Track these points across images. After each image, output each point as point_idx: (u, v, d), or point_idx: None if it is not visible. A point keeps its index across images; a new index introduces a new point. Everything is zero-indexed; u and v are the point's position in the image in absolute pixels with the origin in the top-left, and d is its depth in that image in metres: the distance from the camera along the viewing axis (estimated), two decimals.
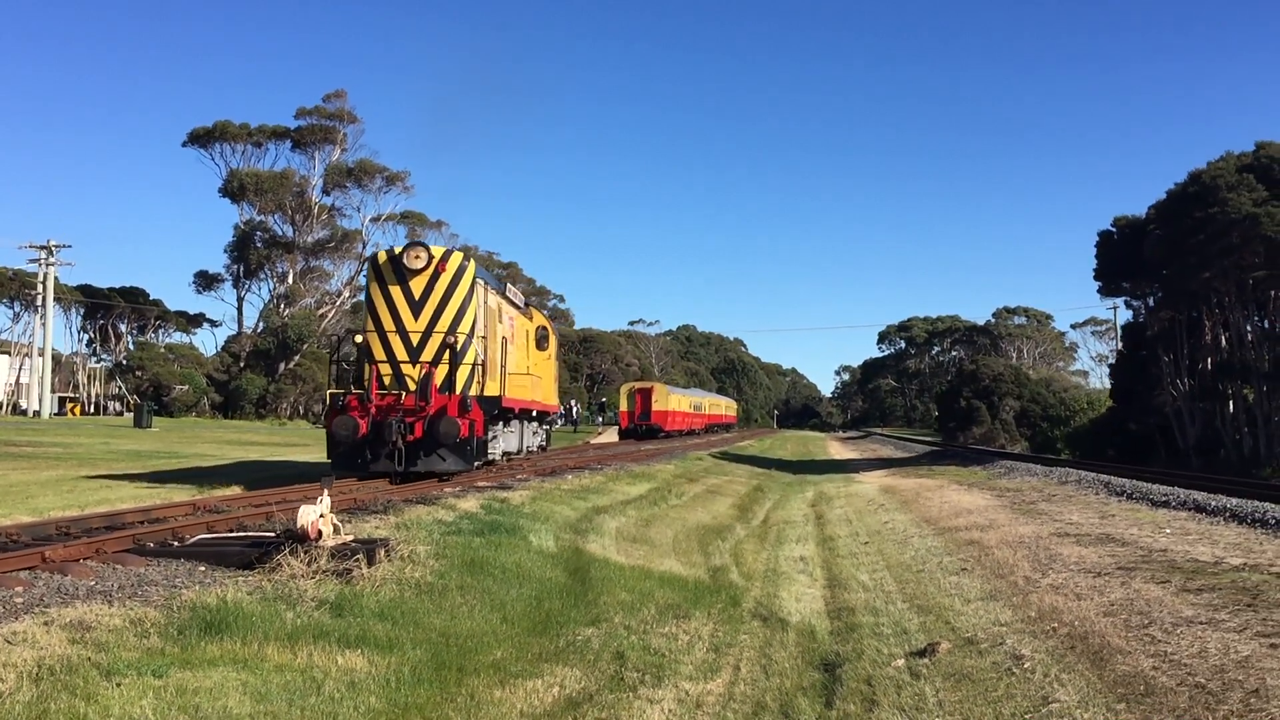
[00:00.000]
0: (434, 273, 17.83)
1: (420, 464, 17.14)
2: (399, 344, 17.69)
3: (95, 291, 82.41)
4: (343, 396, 17.34)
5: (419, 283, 17.84)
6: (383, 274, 17.98)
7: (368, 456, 16.97)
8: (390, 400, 17.15)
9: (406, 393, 17.23)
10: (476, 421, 17.40)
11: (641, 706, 7.66)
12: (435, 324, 17.70)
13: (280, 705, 6.19)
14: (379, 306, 17.87)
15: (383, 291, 17.90)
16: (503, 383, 19.47)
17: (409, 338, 17.69)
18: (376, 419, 16.94)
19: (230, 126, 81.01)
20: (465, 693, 7.21)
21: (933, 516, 19.00)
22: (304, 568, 9.22)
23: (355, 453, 16.92)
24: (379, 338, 17.75)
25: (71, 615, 7.17)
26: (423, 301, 17.80)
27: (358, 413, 16.90)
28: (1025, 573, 11.72)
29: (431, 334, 17.61)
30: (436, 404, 17.06)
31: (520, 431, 23.31)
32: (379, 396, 17.19)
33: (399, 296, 17.82)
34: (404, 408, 17.02)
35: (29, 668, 6.06)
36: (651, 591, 11.82)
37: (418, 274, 17.81)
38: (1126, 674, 7.24)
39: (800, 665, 9.34)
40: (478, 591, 9.99)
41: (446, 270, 17.88)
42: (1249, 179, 36.78)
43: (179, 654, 6.75)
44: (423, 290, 17.84)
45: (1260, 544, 12.88)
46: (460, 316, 17.82)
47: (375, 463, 16.99)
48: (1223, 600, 9.25)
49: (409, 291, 17.82)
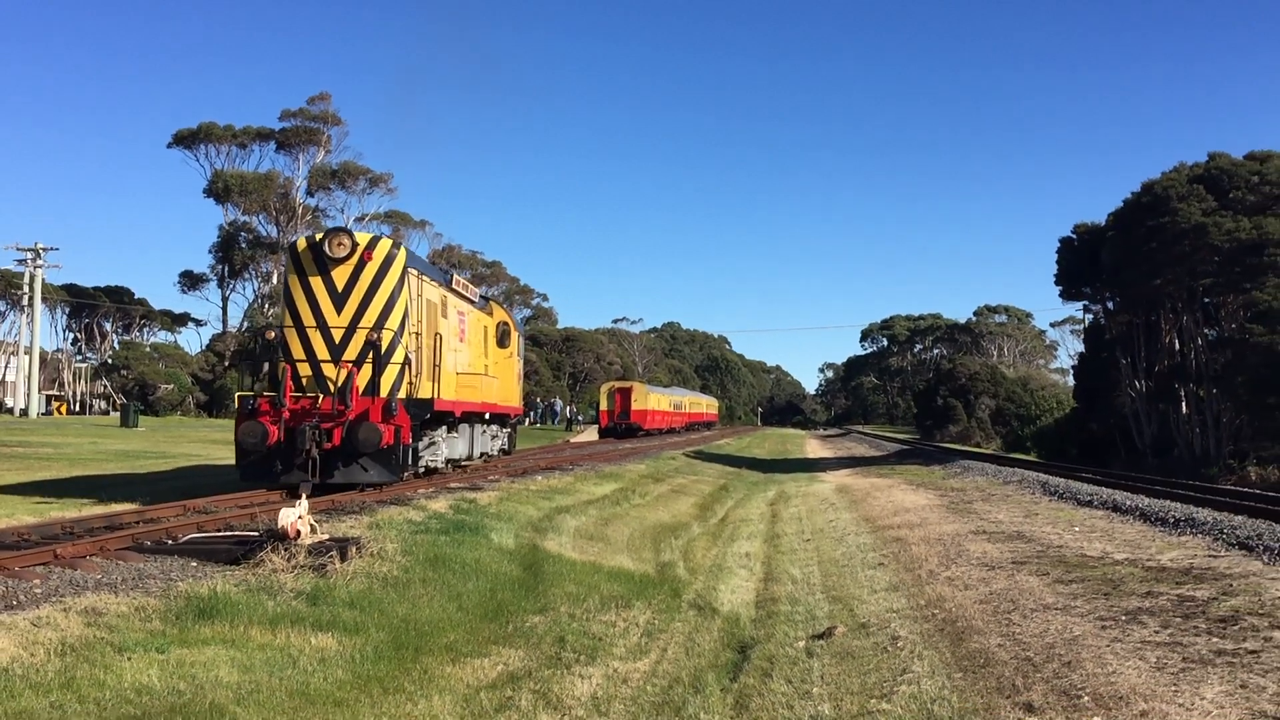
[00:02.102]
0: (359, 262, 16.29)
1: (339, 474, 15.81)
2: (320, 341, 16.20)
3: (81, 291, 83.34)
4: (253, 399, 15.96)
5: (342, 273, 16.32)
6: (302, 263, 16.42)
7: (278, 467, 15.61)
8: (306, 404, 15.77)
9: (325, 395, 15.85)
10: (403, 427, 16.02)
11: (573, 681, 8.98)
12: (360, 319, 16.22)
13: (262, 676, 7.49)
14: (298, 299, 16.33)
15: (302, 283, 16.36)
16: (438, 384, 18.05)
17: (331, 334, 16.19)
18: (289, 425, 15.57)
19: (215, 128, 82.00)
20: (420, 668, 8.51)
21: (873, 515, 20.40)
22: (284, 563, 10.49)
23: (266, 462, 15.60)
24: (297, 334, 16.26)
25: (84, 603, 8.45)
26: (346, 294, 16.32)
27: (268, 418, 15.57)
28: (931, 567, 13.11)
29: (356, 330, 16.14)
30: (358, 408, 15.72)
31: (470, 436, 22.03)
32: (293, 400, 15.80)
33: (320, 288, 16.28)
34: (320, 412, 15.66)
35: (54, 645, 7.35)
36: (599, 584, 13.13)
37: (341, 263, 16.26)
38: (975, 650, 8.62)
39: (719, 648, 10.68)
40: (438, 584, 11.29)
41: (374, 259, 16.34)
42: (1199, 190, 38.40)
43: (177, 635, 8.05)
44: (346, 281, 16.33)
45: (1151, 541, 14.28)
46: (388, 310, 16.34)
47: (287, 473, 15.55)
48: (1086, 590, 10.63)
49: (331, 283, 16.31)
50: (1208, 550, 13.02)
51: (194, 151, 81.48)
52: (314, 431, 15.41)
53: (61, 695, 6.49)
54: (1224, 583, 10.66)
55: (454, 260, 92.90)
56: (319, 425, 15.50)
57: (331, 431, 15.58)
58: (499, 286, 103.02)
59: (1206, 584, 10.69)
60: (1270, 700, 6.60)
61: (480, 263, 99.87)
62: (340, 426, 15.59)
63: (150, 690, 6.80)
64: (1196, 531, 14.70)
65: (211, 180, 78.75)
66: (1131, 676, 7.28)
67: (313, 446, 15.37)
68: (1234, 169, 38.78)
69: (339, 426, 15.60)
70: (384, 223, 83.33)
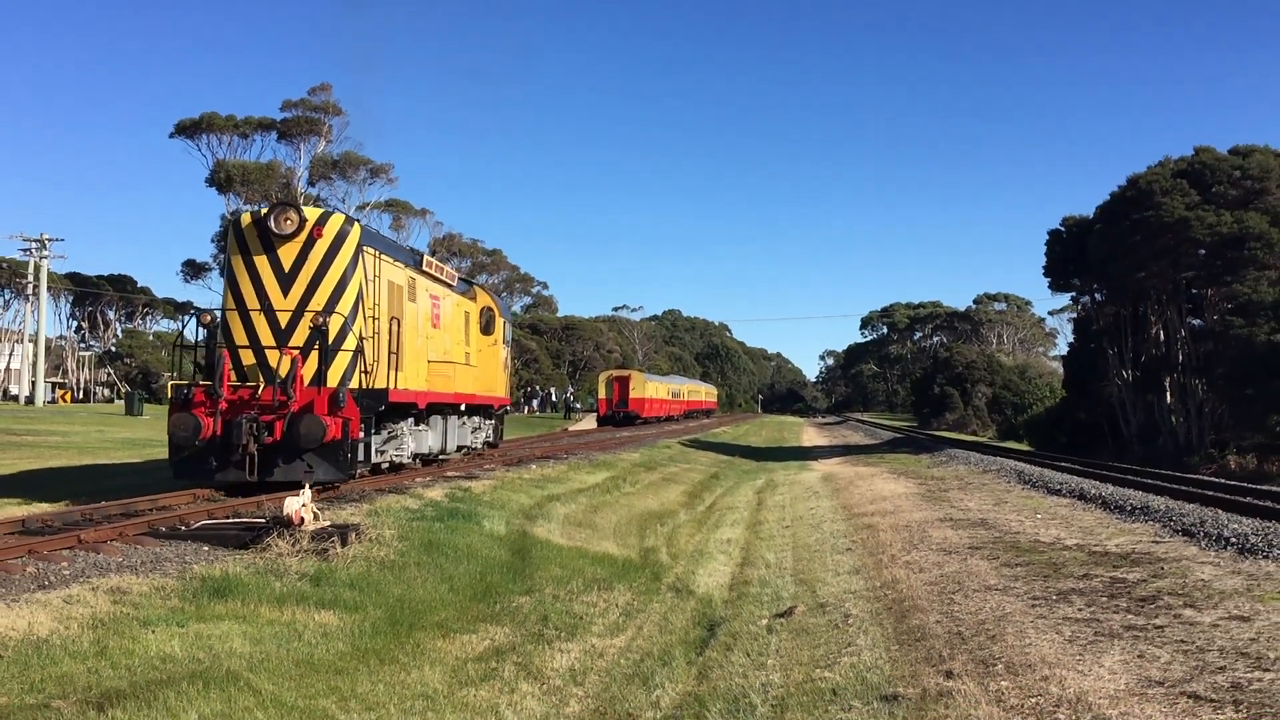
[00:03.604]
0: (308, 239, 15.11)
1: (279, 472, 14.60)
2: (264, 325, 15.05)
3: (84, 279, 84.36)
4: (187, 388, 14.77)
5: (289, 251, 15.15)
6: (246, 240, 15.25)
7: (212, 464, 14.55)
8: (245, 394, 14.66)
9: (268, 385, 14.67)
10: (352, 420, 14.77)
11: (553, 655, 9.88)
12: (309, 301, 15.07)
13: (271, 647, 8.39)
14: (240, 279, 15.20)
15: (245, 261, 15.21)
16: (398, 372, 16.77)
17: (276, 318, 15.04)
18: (226, 417, 14.41)
19: (217, 118, 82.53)
20: (413, 643, 9.40)
21: (851, 504, 21.30)
22: (289, 548, 11.39)
23: (201, 458, 14.55)
24: (240, 317, 15.11)
25: (110, 583, 9.35)
26: (294, 274, 15.15)
27: (204, 409, 14.43)
28: (893, 552, 14.01)
29: (304, 314, 14.98)
30: (302, 399, 14.54)
31: (443, 429, 20.72)
32: (230, 390, 14.65)
33: (265, 267, 15.14)
34: (259, 403, 14.54)
35: (86, 619, 8.26)
36: (583, 568, 14.03)
37: (288, 240, 15.10)
38: (914, 626, 9.52)
39: (690, 626, 11.57)
40: (432, 567, 12.20)
41: (324, 236, 15.17)
42: (1182, 184, 39.13)
43: (194, 611, 8.95)
44: (294, 260, 15.15)
45: (1105, 527, 15.17)
46: (339, 292, 15.13)
47: (223, 471, 14.54)
48: (1029, 573, 11.52)
49: (277, 261, 15.14)
50: (1153, 537, 13.90)
51: (196, 141, 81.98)
52: (251, 425, 14.23)
53: (96, 662, 7.39)
54: (1157, 566, 11.55)
55: (454, 248, 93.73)
56: (257, 418, 14.33)
57: (272, 425, 14.35)
58: (499, 275, 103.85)
59: (1141, 567, 11.58)
60: (1160, 668, 7.48)
61: (481, 251, 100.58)
62: (282, 419, 14.36)
63: (174, 659, 7.70)
64: (1149, 519, 15.58)
65: (213, 170, 79.35)
66: (1044, 648, 8.17)
67: (250, 441, 14.20)
68: (1217, 164, 39.50)
69: (280, 419, 14.36)
70: (384, 211, 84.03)
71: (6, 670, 7.03)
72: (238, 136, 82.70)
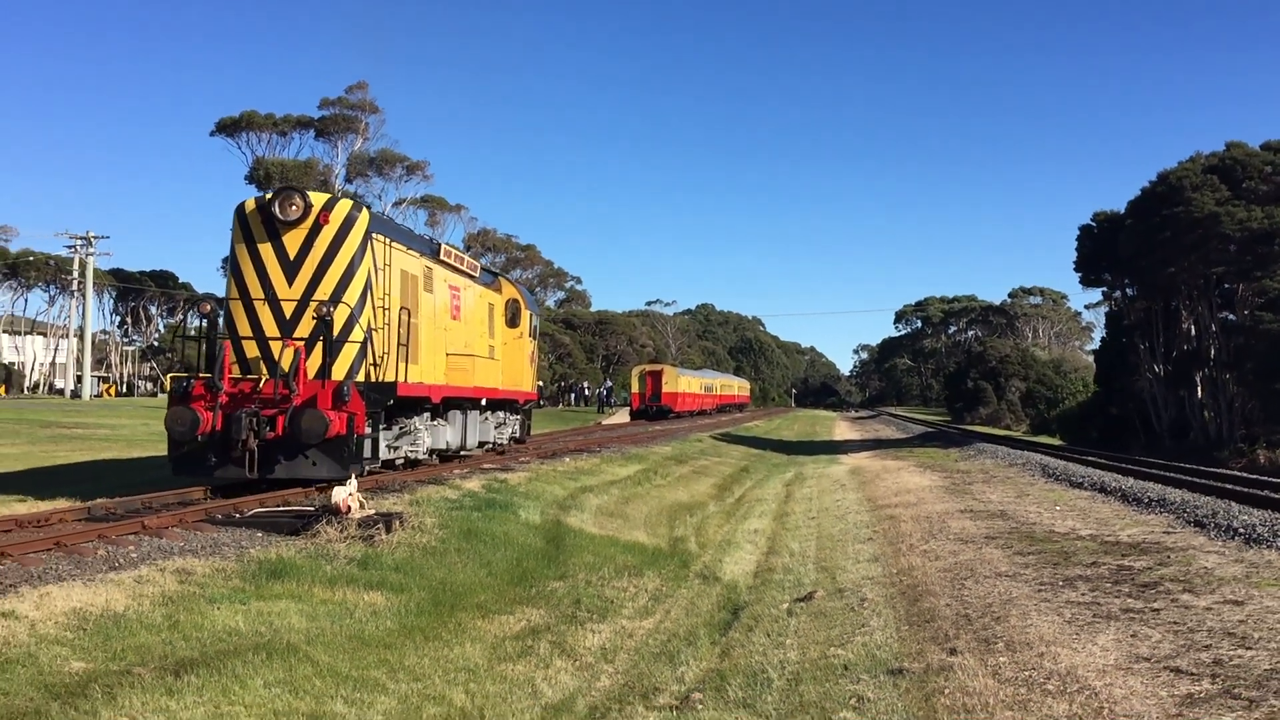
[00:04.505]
0: (314, 225, 14.66)
1: (280, 469, 14.20)
2: (268, 315, 14.62)
3: (127, 275, 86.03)
4: (188, 381, 14.31)
5: (295, 238, 14.69)
6: (250, 227, 14.79)
7: (212, 460, 14.09)
8: (246, 388, 14.17)
9: (269, 378, 14.19)
10: (357, 415, 14.25)
11: (585, 634, 10.54)
12: (315, 290, 14.62)
13: (325, 624, 9.10)
14: (244, 268, 14.75)
15: (249, 250, 14.76)
16: (411, 365, 16.18)
17: (281, 308, 14.60)
18: (226, 411, 13.92)
19: (256, 116, 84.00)
20: (455, 622, 10.09)
21: (877, 496, 21.84)
22: (337, 534, 12.12)
23: (201, 454, 14.08)
24: (244, 307, 14.68)
25: (175, 565, 10.10)
26: (299, 262, 14.69)
27: (203, 403, 13.93)
28: (912, 541, 14.57)
29: (309, 303, 14.51)
30: (305, 393, 14.04)
31: (462, 424, 20.11)
32: (231, 383, 14.17)
33: (269, 256, 14.68)
34: (260, 397, 14.05)
35: (156, 597, 8.99)
36: (615, 556, 14.69)
37: (293, 227, 14.65)
38: (925, 609, 10.10)
39: (715, 609, 12.19)
40: (471, 553, 12.89)
41: (330, 222, 14.70)
42: (1212, 180, 39.25)
43: (254, 590, 9.68)
44: (299, 248, 14.70)
45: (1120, 519, 15.64)
46: (346, 281, 14.68)
47: (222, 468, 14.07)
48: (1039, 561, 12.05)
49: (282, 249, 14.69)
50: (1165, 528, 14.37)
51: (236, 139, 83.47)
52: (251, 419, 13.73)
53: (169, 634, 8.13)
54: (1164, 555, 12.04)
55: (489, 244, 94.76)
56: (258, 412, 13.85)
57: (274, 419, 13.86)
58: (533, 270, 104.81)
59: (1148, 556, 12.08)
60: (1150, 646, 8.02)
61: (515, 246, 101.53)
62: (283, 414, 13.81)
63: (238, 632, 8.43)
64: (1165, 511, 16.02)
65: (253, 167, 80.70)
66: (1044, 628, 8.72)
67: (249, 436, 13.69)
68: (1248, 159, 39.59)
69: (282, 414, 13.83)
70: (420, 207, 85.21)
71: (91, 640, 7.76)
72: (276, 134, 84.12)
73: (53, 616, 8.09)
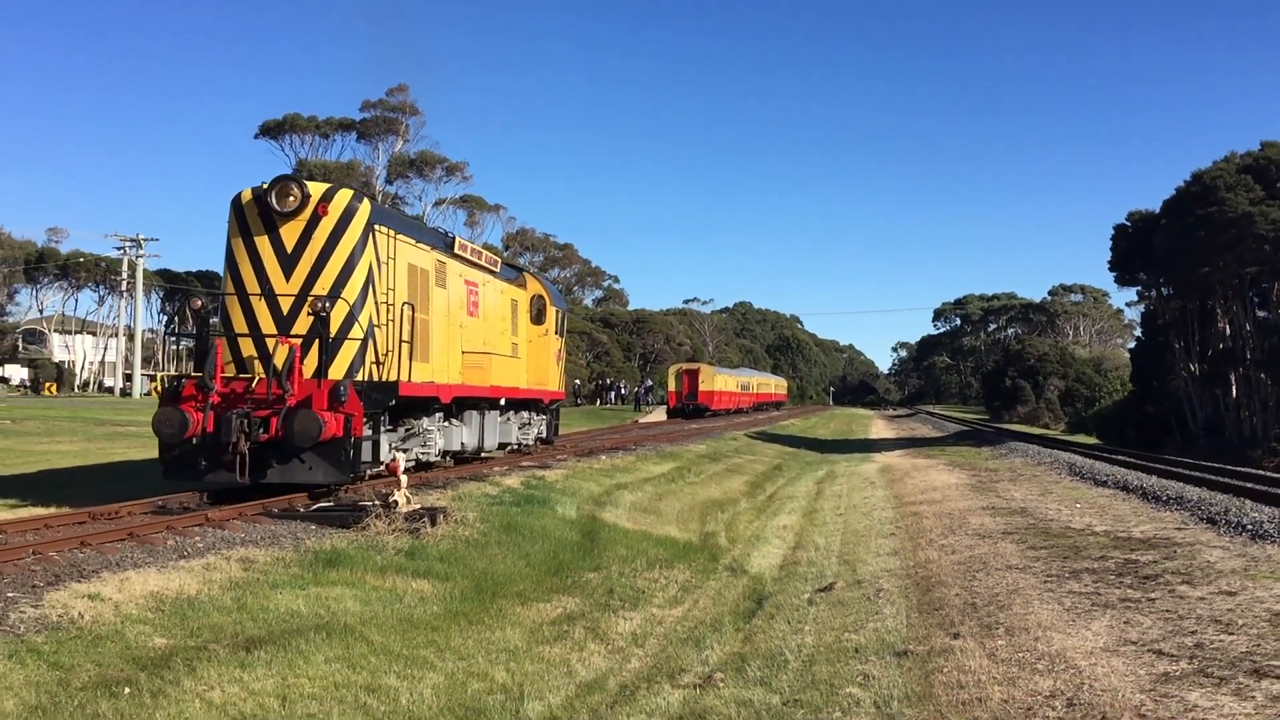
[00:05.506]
0: (312, 216, 14.04)
1: (274, 473, 13.59)
2: (265, 311, 14.03)
3: (174, 276, 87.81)
4: (179, 381, 13.77)
5: (292, 230, 14.07)
6: (246, 219, 14.18)
7: (203, 464, 13.46)
8: (239, 387, 13.57)
9: (263, 378, 13.53)
10: (355, 416, 13.62)
11: (617, 621, 11.28)
12: (313, 285, 13.99)
13: (378, 608, 9.91)
14: (240, 262, 14.14)
15: (245, 243, 14.14)
16: (411, 363, 15.14)
17: (278, 303, 13.99)
18: (218, 412, 13.29)
19: (299, 119, 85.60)
20: (496, 608, 10.86)
21: (904, 493, 22.41)
22: (385, 527, 12.93)
23: (192, 457, 13.48)
24: (239, 303, 14.08)
25: (238, 555, 10.94)
26: (296, 255, 14.07)
27: (193, 404, 13.36)
28: (931, 537, 15.18)
29: (307, 299, 13.87)
30: (301, 393, 13.40)
31: (479, 425, 19.39)
32: (222, 382, 13.57)
33: (266, 249, 14.08)
34: (253, 397, 13.46)
35: (224, 582, 9.83)
36: (647, 549, 15.43)
37: (290, 218, 14.03)
38: (936, 598, 10.74)
39: (741, 600, 12.90)
40: (510, 545, 13.68)
41: (329, 214, 14.08)
42: (1247, 179, 39.31)
43: (311, 578, 10.50)
44: (297, 241, 14.08)
45: (1136, 515, 16.16)
46: (346, 275, 14.03)
47: (213, 471, 13.41)
48: (1051, 555, 12.64)
49: (279, 242, 14.08)
50: (1178, 524, 14.89)
51: (279, 142, 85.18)
52: (242, 421, 13.11)
53: (239, 615, 8.96)
54: (1170, 550, 12.59)
55: (527, 243, 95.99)
56: (250, 413, 13.22)
57: (268, 421, 13.25)
58: (571, 269, 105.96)
59: (1156, 550, 12.63)
60: (1139, 632, 8.63)
61: (553, 245, 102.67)
62: (277, 415, 13.22)
63: (300, 614, 9.25)
64: (1180, 508, 16.51)
65: (295, 169, 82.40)
66: (1043, 616, 9.35)
67: (240, 439, 13.08)
68: None
69: (275, 415, 13.23)
70: (459, 207, 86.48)
71: (169, 619, 8.60)
72: (319, 136, 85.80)
73: (133, 599, 8.93)
